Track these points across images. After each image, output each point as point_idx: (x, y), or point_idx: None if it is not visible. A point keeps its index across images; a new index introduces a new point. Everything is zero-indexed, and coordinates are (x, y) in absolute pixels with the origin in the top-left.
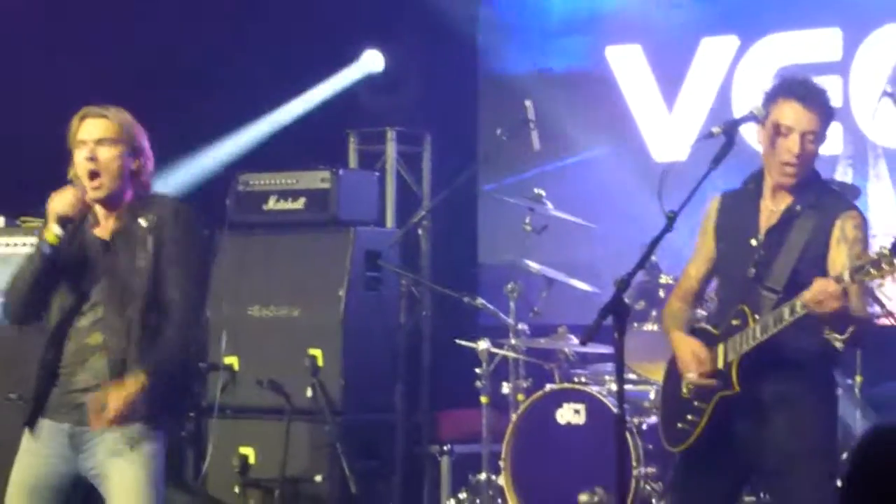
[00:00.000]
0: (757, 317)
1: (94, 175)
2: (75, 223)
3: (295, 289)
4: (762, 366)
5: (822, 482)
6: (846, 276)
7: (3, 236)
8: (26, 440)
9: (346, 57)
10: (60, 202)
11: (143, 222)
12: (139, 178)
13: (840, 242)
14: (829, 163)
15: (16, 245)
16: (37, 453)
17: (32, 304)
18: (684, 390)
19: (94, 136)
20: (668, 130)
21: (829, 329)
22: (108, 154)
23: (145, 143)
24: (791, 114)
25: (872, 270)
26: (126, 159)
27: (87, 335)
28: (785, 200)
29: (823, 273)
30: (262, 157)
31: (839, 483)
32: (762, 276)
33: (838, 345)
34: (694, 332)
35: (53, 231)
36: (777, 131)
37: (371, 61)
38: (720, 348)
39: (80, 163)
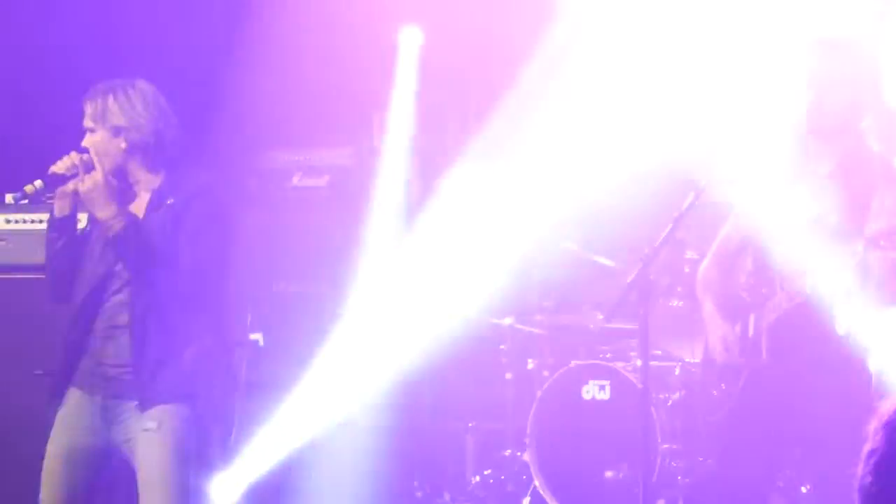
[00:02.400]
0: (785, 284)
1: (87, 168)
2: (67, 186)
3: (319, 265)
4: (790, 335)
5: (851, 451)
6: (859, 248)
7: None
8: (61, 412)
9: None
10: (59, 162)
11: (169, 201)
12: (144, 153)
13: (878, 215)
14: None
15: (42, 222)
16: (71, 425)
17: (59, 275)
18: (719, 360)
19: (86, 124)
20: None
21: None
22: (91, 141)
23: (130, 119)
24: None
25: (882, 242)
26: (109, 143)
27: (116, 314)
28: (827, 166)
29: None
30: (287, 134)
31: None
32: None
33: (846, 326)
34: (727, 298)
35: (34, 182)
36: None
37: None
38: (751, 318)
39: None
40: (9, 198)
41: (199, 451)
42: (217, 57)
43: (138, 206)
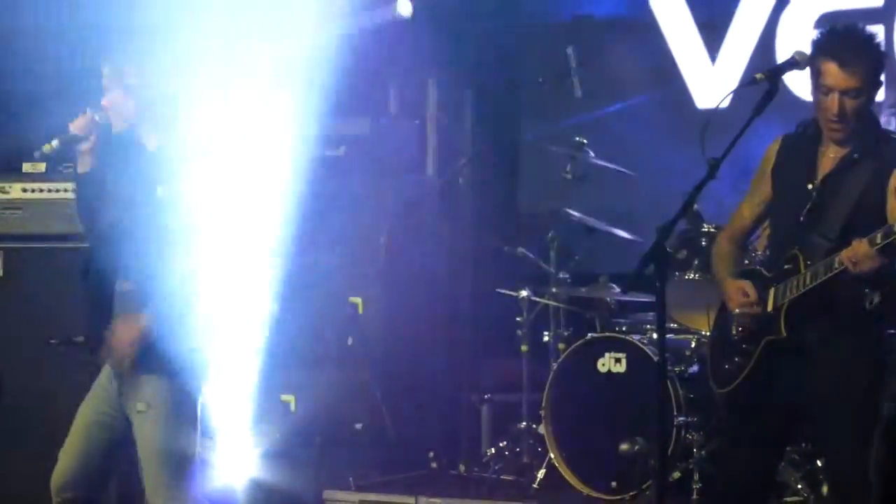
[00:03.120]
0: (809, 263)
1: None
2: (81, 142)
3: (336, 236)
4: (810, 312)
5: (862, 432)
6: (879, 239)
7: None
8: (97, 378)
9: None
10: (76, 120)
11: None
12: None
13: (895, 194)
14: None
15: (59, 191)
16: (97, 391)
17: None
18: (734, 332)
19: (104, 84)
20: (711, 78)
21: (867, 286)
22: (107, 100)
23: (140, 79)
24: (829, 74)
25: None
26: (123, 102)
27: (124, 281)
28: (843, 147)
29: (881, 222)
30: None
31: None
32: (816, 222)
33: (875, 299)
34: (745, 273)
35: (51, 142)
36: (818, 87)
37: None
38: (771, 292)
39: None
40: (26, 167)
41: (192, 422)
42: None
43: None
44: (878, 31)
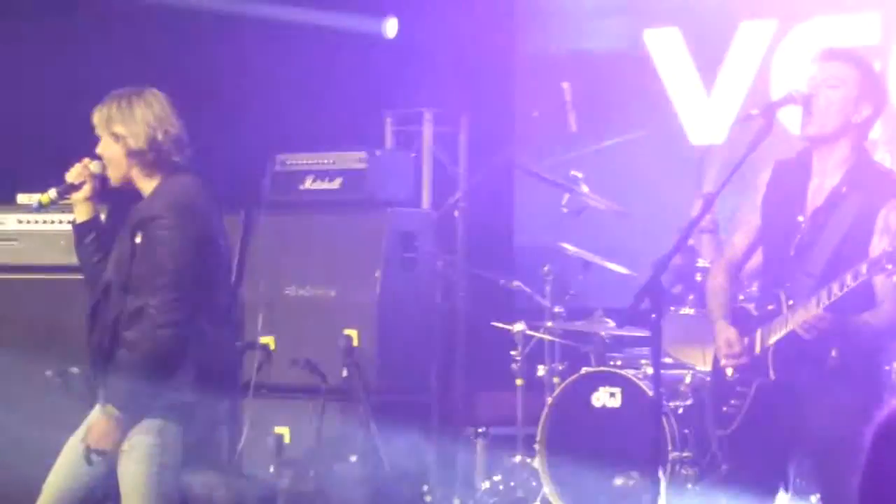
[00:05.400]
0: (791, 302)
1: (95, 175)
2: (79, 194)
3: (331, 269)
4: (797, 352)
5: (859, 469)
6: (864, 270)
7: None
8: (92, 411)
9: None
10: (71, 169)
11: (137, 215)
12: (140, 159)
13: (882, 234)
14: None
15: (53, 223)
16: (86, 426)
17: (91, 279)
18: (729, 374)
19: (96, 132)
20: (706, 114)
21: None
22: (100, 148)
23: (128, 127)
24: (814, 71)
25: (889, 265)
26: (111, 149)
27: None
28: (832, 180)
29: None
30: (299, 137)
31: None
32: (802, 257)
33: (833, 353)
34: (736, 312)
35: (48, 192)
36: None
37: (389, 28)
38: (758, 334)
39: None
40: (21, 198)
41: (175, 463)
42: (227, 61)
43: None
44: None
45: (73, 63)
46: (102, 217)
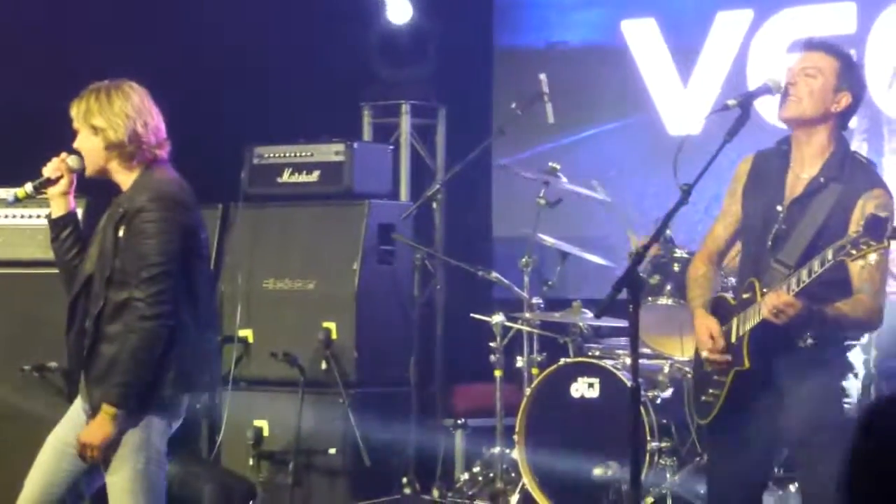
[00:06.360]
0: (765, 291)
1: (72, 169)
2: (56, 188)
3: (309, 262)
4: (771, 340)
5: (838, 456)
6: (829, 255)
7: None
8: (71, 407)
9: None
10: (48, 164)
11: (120, 208)
12: (119, 152)
13: (858, 223)
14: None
15: (32, 217)
16: (67, 421)
17: (67, 273)
18: (706, 364)
19: (74, 126)
20: (683, 104)
21: (800, 330)
22: (78, 142)
23: (107, 119)
24: (792, 61)
25: (853, 250)
26: (90, 142)
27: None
28: (811, 171)
29: None
30: (277, 129)
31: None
32: (778, 248)
33: (808, 341)
34: (714, 302)
35: (24, 187)
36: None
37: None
38: (734, 322)
39: None
40: (4, 193)
41: (160, 456)
42: (204, 52)
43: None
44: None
45: (50, 53)
46: (81, 211)
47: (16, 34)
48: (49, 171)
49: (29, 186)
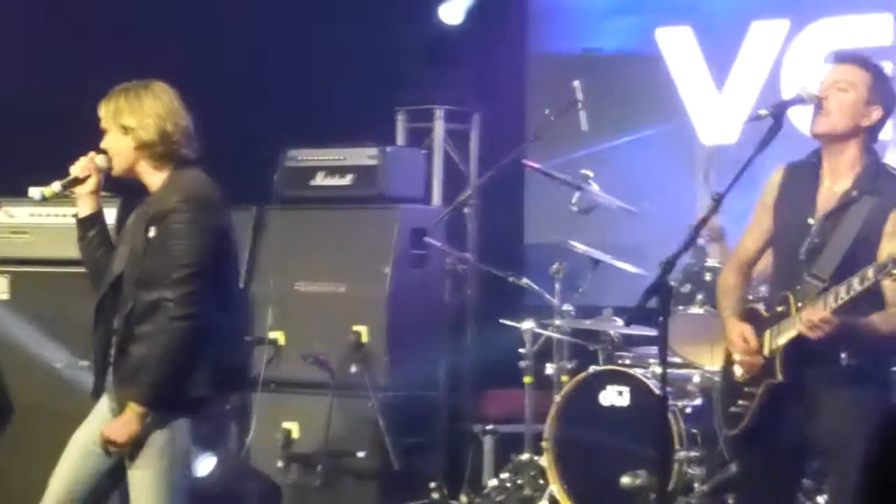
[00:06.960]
0: (800, 305)
1: (101, 169)
2: (84, 187)
3: (341, 265)
4: (806, 355)
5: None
6: (870, 274)
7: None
8: (97, 403)
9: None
10: (76, 163)
11: (150, 209)
12: (150, 152)
13: (892, 237)
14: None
15: (65, 216)
16: (94, 419)
17: (94, 273)
18: (737, 374)
19: (102, 125)
20: (717, 112)
21: (837, 347)
22: (106, 142)
23: (137, 119)
24: (824, 74)
25: (895, 270)
26: (119, 142)
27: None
28: (843, 183)
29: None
30: (311, 133)
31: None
32: (812, 262)
33: (844, 359)
34: (746, 312)
35: (52, 185)
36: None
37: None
38: (767, 335)
39: None
40: (32, 191)
41: (186, 457)
42: (238, 55)
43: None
44: (885, 68)
45: (77, 52)
46: (115, 211)
47: (41, 34)
48: (77, 170)
49: (56, 185)
